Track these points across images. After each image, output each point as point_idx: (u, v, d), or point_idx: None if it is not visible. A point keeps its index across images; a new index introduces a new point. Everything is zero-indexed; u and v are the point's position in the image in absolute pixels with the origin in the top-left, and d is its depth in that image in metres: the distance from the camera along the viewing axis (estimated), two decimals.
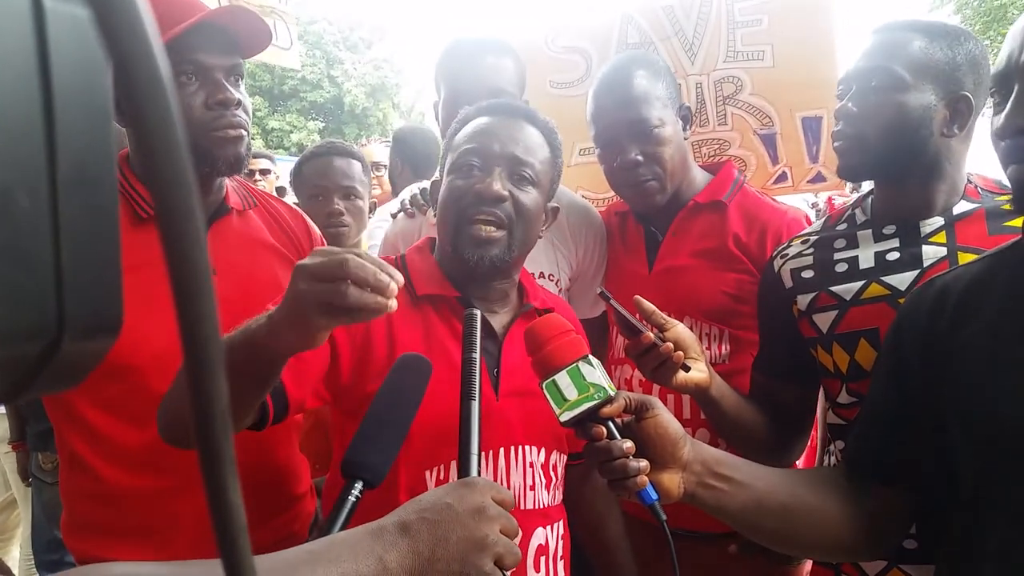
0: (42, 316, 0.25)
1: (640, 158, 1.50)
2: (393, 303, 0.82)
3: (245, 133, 1.32)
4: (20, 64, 0.24)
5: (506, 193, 1.17)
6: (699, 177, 1.65)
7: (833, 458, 1.38)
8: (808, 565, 1.53)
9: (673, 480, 0.96)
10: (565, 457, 1.28)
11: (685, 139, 1.60)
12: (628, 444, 0.93)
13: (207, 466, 0.25)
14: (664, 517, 0.93)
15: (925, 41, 1.17)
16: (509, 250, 1.18)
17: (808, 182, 1.99)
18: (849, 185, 3.45)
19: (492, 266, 1.17)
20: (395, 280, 0.82)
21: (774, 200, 1.66)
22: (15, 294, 0.24)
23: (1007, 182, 0.92)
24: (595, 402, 0.93)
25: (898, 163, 1.20)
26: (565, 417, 0.93)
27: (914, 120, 1.17)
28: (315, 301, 0.81)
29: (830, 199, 5.84)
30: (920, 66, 1.16)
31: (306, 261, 0.83)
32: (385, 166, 3.34)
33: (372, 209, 2.41)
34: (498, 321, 1.24)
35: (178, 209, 0.23)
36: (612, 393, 0.94)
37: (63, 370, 0.26)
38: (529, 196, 1.20)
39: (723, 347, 1.55)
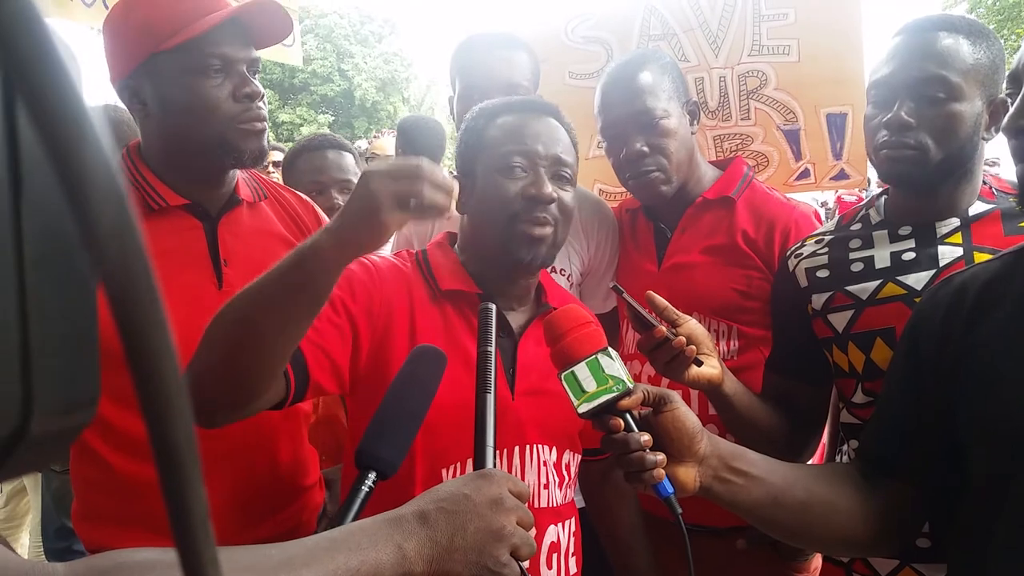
0: (5, 402, 0.23)
1: (645, 149, 1.50)
2: (454, 206, 0.90)
3: (266, 126, 1.33)
4: None
5: (556, 195, 1.18)
6: (708, 173, 1.65)
7: (846, 458, 1.38)
8: (818, 561, 1.53)
9: (689, 474, 0.96)
10: (579, 456, 1.28)
11: (693, 134, 1.60)
12: (645, 437, 0.93)
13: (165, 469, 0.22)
14: (680, 510, 0.92)
15: (970, 45, 1.16)
16: (553, 249, 1.21)
17: (831, 179, 1.97)
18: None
19: (542, 264, 1.20)
20: (452, 186, 0.90)
21: (783, 196, 1.65)
22: None
23: None
24: (614, 394, 0.93)
25: (946, 171, 1.19)
26: (583, 408, 0.93)
27: (969, 129, 1.16)
28: (391, 197, 0.85)
29: (839, 198, 5.79)
30: (971, 72, 1.15)
31: (377, 166, 0.89)
32: None
33: None
34: (516, 320, 1.24)
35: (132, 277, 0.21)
36: (631, 386, 0.93)
37: (35, 450, 0.24)
38: (569, 195, 1.22)
39: (732, 343, 1.55)
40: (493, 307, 0.93)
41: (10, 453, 0.23)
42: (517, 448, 1.17)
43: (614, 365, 0.94)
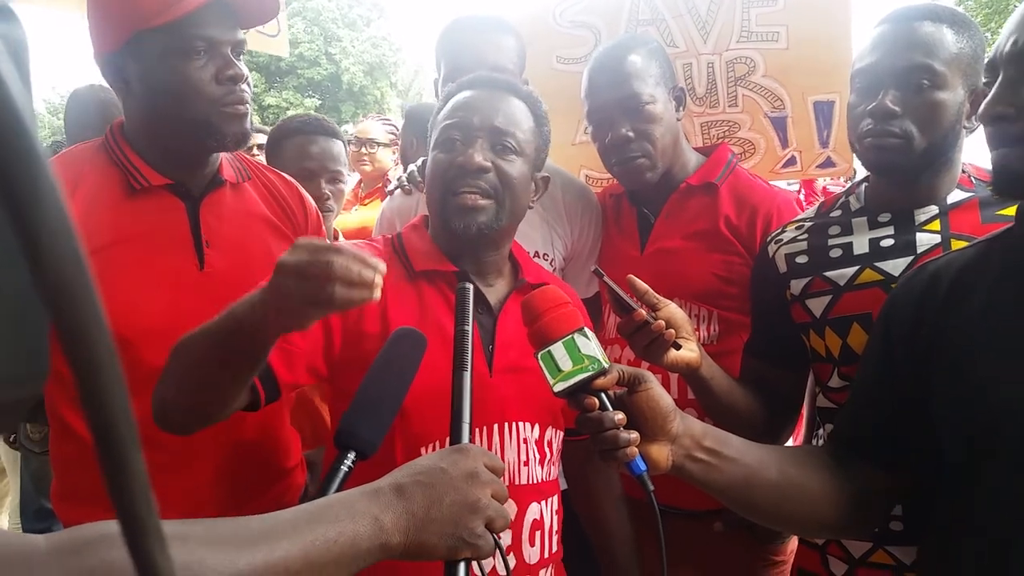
0: None
1: (631, 134, 1.51)
2: (378, 293, 0.85)
3: (249, 109, 1.32)
4: None
5: (488, 164, 1.18)
6: (693, 159, 1.65)
7: (821, 441, 1.39)
8: (794, 544, 1.55)
9: (662, 452, 0.97)
10: (561, 433, 1.29)
11: (678, 120, 1.61)
12: (619, 416, 0.94)
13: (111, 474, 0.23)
14: (652, 487, 0.93)
15: (953, 34, 1.17)
16: (498, 218, 1.19)
17: (817, 167, 1.98)
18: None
19: (480, 233, 1.18)
20: (378, 271, 0.85)
21: (765, 182, 1.66)
22: None
23: None
24: (589, 373, 0.93)
25: (929, 159, 1.20)
26: (559, 388, 0.94)
27: (952, 118, 1.17)
28: (302, 298, 0.84)
29: (824, 188, 5.81)
30: (954, 61, 1.16)
31: (289, 259, 0.85)
32: (380, 143, 3.29)
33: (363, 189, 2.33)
34: (493, 295, 1.25)
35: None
36: (606, 365, 0.94)
37: None
38: (513, 166, 1.20)
39: (712, 328, 1.56)
40: (471, 287, 0.93)
41: None
42: (496, 426, 1.17)
43: (590, 345, 0.94)
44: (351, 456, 0.84)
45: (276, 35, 3.20)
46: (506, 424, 1.18)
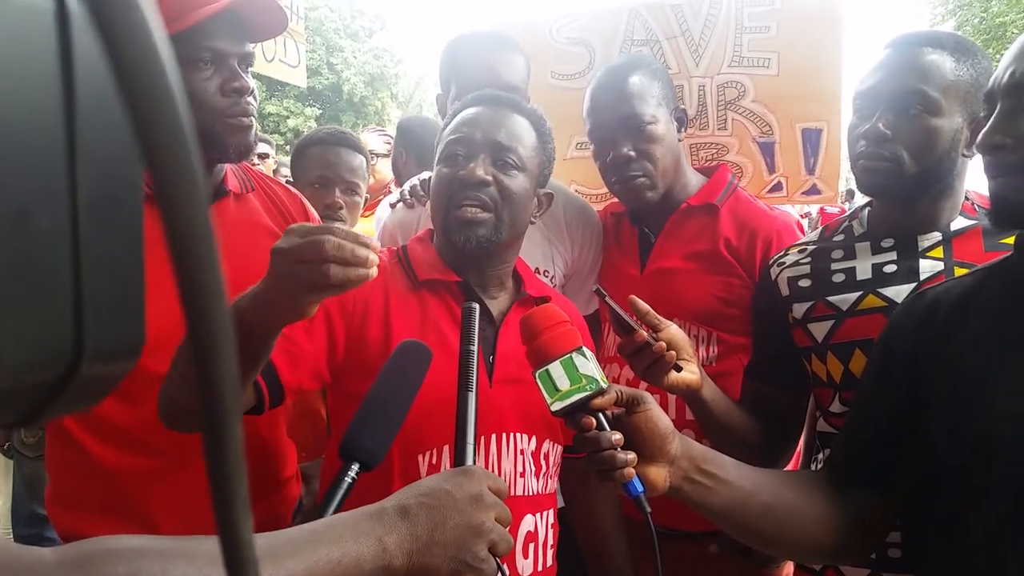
0: (59, 344, 0.23)
1: (632, 154, 1.51)
2: (374, 271, 0.84)
3: (254, 121, 1.33)
4: (41, 69, 0.22)
5: (489, 178, 1.20)
6: (693, 180, 1.65)
7: (820, 466, 1.37)
8: (789, 568, 1.55)
9: (660, 474, 0.97)
10: (559, 447, 1.29)
11: (679, 141, 1.61)
12: (617, 436, 0.93)
13: (214, 462, 0.24)
14: (649, 509, 0.93)
15: (953, 61, 1.17)
16: (497, 231, 1.20)
17: (803, 193, 2.00)
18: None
19: (479, 246, 1.19)
20: (372, 248, 0.84)
21: (766, 205, 1.67)
22: (31, 321, 0.22)
23: None
24: (587, 393, 0.93)
25: (923, 184, 1.20)
26: (556, 407, 0.94)
27: (946, 144, 1.18)
28: (299, 282, 0.83)
29: (822, 209, 5.88)
30: (951, 88, 1.16)
31: (283, 244, 0.84)
32: (378, 155, 3.31)
33: (364, 203, 2.40)
34: (495, 307, 1.26)
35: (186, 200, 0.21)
36: (604, 385, 0.94)
37: (82, 392, 0.25)
38: (514, 181, 1.22)
39: (711, 349, 1.56)
40: (477, 306, 0.93)
41: (61, 393, 0.24)
42: (494, 436, 1.18)
43: (588, 364, 0.94)
44: (355, 468, 0.84)
45: (296, 65, 3.25)
46: (503, 435, 1.19)
